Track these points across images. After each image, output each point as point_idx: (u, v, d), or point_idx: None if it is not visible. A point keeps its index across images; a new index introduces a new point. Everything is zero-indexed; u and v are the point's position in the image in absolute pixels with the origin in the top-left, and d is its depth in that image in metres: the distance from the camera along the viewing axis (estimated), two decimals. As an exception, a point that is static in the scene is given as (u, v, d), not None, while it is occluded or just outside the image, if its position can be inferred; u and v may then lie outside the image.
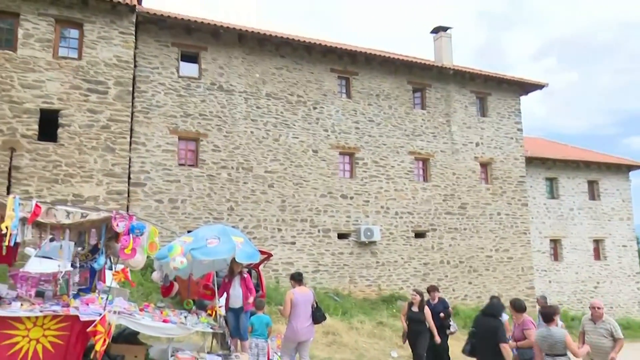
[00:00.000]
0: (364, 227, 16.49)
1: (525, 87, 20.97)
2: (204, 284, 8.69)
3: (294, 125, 16.32)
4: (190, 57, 15.46)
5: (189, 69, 15.35)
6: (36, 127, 12.80)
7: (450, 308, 9.22)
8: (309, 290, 7.28)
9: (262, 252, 8.96)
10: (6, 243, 5.29)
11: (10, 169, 12.34)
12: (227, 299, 7.47)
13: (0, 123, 12.46)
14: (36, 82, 12.90)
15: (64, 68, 13.26)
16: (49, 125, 12.95)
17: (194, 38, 15.35)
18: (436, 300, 8.72)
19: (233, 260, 7.20)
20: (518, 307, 6.56)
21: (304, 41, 16.47)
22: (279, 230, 15.61)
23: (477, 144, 19.45)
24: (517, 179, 20.04)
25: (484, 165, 19.62)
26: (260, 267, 10.86)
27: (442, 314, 8.38)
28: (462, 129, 19.28)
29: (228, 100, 15.49)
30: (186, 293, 8.65)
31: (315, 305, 6.98)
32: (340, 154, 17.07)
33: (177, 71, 15.06)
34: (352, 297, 15.68)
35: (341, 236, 16.57)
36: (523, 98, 21.13)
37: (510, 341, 6.35)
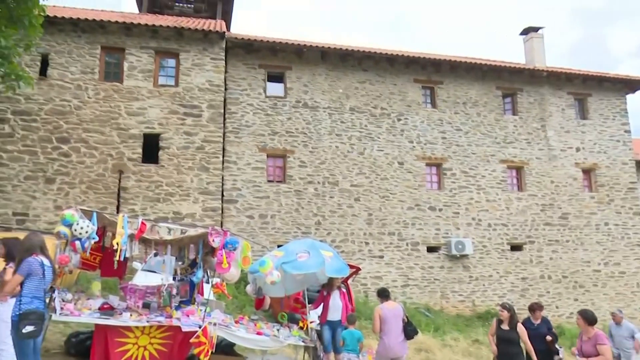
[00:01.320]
0: (454, 240, 15.87)
1: (631, 85, 19.14)
2: (294, 297, 8.82)
3: (379, 137, 16.24)
4: (276, 77, 16.04)
5: (275, 89, 15.92)
6: (140, 150, 13.93)
7: (554, 329, 7.92)
8: (397, 304, 7.10)
9: (350, 266, 8.92)
10: (117, 258, 5.76)
11: (119, 190, 13.51)
12: (325, 312, 7.54)
13: (110, 148, 13.72)
14: (140, 109, 14.08)
15: (163, 95, 14.35)
16: (151, 148, 14.04)
17: (279, 58, 15.93)
18: (539, 320, 7.48)
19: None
20: (590, 319, 5.88)
21: (386, 53, 16.41)
22: (366, 243, 15.50)
23: (577, 149, 18.02)
24: (626, 185, 18.22)
25: (587, 172, 18.09)
26: (349, 281, 10.81)
27: (548, 337, 7.19)
28: (559, 133, 17.99)
29: (313, 116, 15.81)
30: (278, 306, 8.82)
31: (406, 320, 6.78)
32: (427, 165, 16.66)
33: (264, 91, 15.68)
34: (445, 313, 15.08)
35: (431, 249, 16.08)
36: (630, 97, 19.31)
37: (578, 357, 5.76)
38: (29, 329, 4.35)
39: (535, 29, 19.32)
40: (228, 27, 15.72)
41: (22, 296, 4.45)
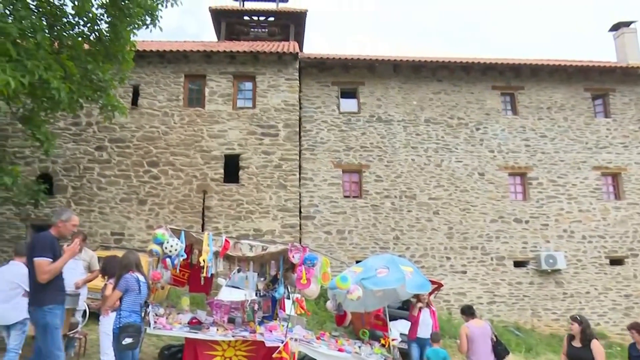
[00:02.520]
0: (544, 254, 14.88)
1: None
2: (375, 314, 8.69)
3: (456, 148, 15.75)
4: (349, 93, 16.17)
5: (348, 105, 16.04)
6: (222, 171, 14.58)
7: None
8: (485, 322, 6.73)
9: (432, 282, 8.65)
10: (204, 274, 6.02)
11: (203, 209, 14.19)
12: (414, 328, 7.38)
13: (195, 170, 14.50)
14: (220, 131, 14.79)
15: (242, 117, 14.97)
16: (232, 168, 14.66)
17: (351, 75, 16.06)
18: None
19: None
20: None
21: (461, 62, 15.98)
22: (448, 258, 14.98)
23: (683, 152, 16.28)
24: None
25: (696, 176, 16.27)
26: (431, 298, 10.47)
27: None
28: (661, 135, 16.39)
29: (387, 130, 15.70)
30: (359, 323, 8.73)
31: (494, 339, 6.41)
32: (510, 174, 15.86)
33: (338, 108, 15.85)
34: (537, 332, 14.11)
35: (518, 264, 15.18)
36: None
37: None
38: (128, 341, 4.65)
39: (627, 24, 17.89)
40: (301, 48, 16.17)
41: (121, 310, 4.78)
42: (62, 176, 14.30)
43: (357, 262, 11.44)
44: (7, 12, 8.91)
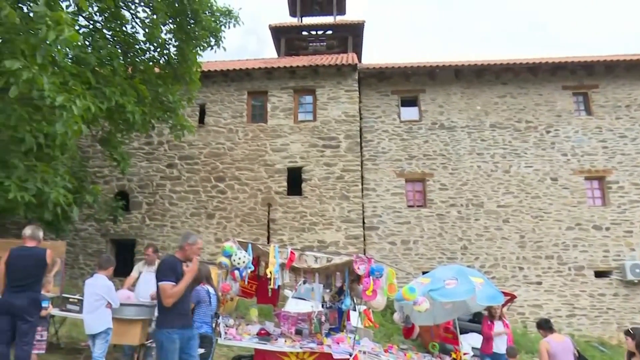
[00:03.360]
0: (629, 263, 13.78)
1: None
2: (444, 326, 8.42)
3: (526, 153, 15.05)
4: (409, 102, 15.97)
5: (409, 113, 15.84)
6: (285, 184, 14.84)
7: None
8: (566, 337, 6.32)
9: (504, 294, 8.26)
10: (271, 286, 6.11)
11: (268, 222, 14.48)
12: (489, 343, 7.10)
13: (259, 183, 14.86)
14: (283, 145, 15.08)
15: (303, 130, 15.19)
16: (294, 181, 14.88)
17: (411, 82, 15.87)
18: None
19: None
20: None
21: (528, 63, 15.32)
22: (521, 268, 14.26)
23: None
24: None
25: None
26: (504, 310, 10.01)
27: None
28: None
29: (450, 137, 15.32)
30: (428, 335, 8.50)
31: (577, 355, 6.00)
32: (587, 179, 14.90)
33: (399, 117, 15.68)
34: (624, 349, 13.02)
35: (599, 274, 14.16)
36: None
37: None
38: (200, 351, 4.80)
39: None
40: (359, 59, 16.24)
41: (194, 321, 4.95)
42: (137, 193, 15.16)
43: (424, 273, 11.17)
44: (87, 43, 9.64)
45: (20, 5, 7.09)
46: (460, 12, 72.10)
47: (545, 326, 6.26)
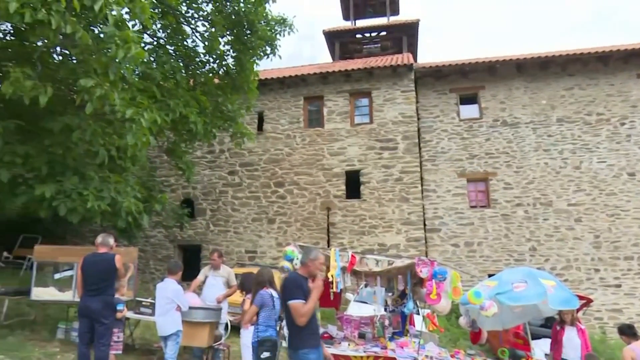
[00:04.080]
0: None
1: None
2: (514, 331, 8.07)
3: (598, 148, 14.17)
4: (468, 99, 15.51)
5: (469, 111, 15.38)
6: (344, 187, 14.85)
7: None
8: (651, 344, 5.86)
9: (580, 297, 7.79)
10: (333, 289, 6.13)
11: (328, 225, 14.55)
12: (558, 349, 6.74)
13: (318, 188, 14.97)
14: (340, 149, 15.12)
15: (360, 133, 15.15)
16: (353, 184, 14.86)
17: (470, 79, 15.42)
18: None
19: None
20: None
21: (597, 52, 14.43)
22: (596, 270, 13.42)
23: None
24: None
25: None
26: (579, 315, 9.44)
27: None
28: None
29: (514, 134, 14.71)
30: (497, 341, 8.20)
31: (664, 364, 5.54)
32: (668, 173, 13.80)
33: (458, 115, 15.27)
34: None
35: (687, 276, 13.06)
36: None
37: None
38: (266, 354, 4.88)
39: None
40: (415, 58, 15.99)
41: (258, 325, 5.05)
42: (202, 200, 15.74)
43: (490, 275, 10.78)
44: (152, 59, 10.16)
45: (91, 27, 7.58)
46: (518, 5, 69.24)
47: (628, 332, 5.85)
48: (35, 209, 7.61)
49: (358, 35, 21.87)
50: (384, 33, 21.42)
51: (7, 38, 9.05)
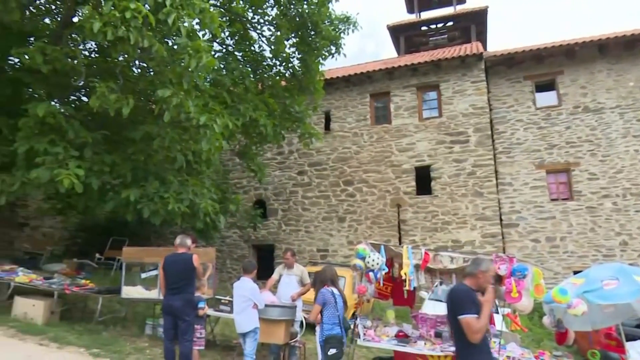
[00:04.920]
0: None
1: None
2: (605, 332, 7.52)
3: (697, 131, 12.85)
4: (545, 86, 14.65)
5: (546, 98, 14.53)
6: (414, 183, 14.58)
7: None
8: None
9: (681, 296, 7.10)
10: (406, 287, 6.04)
11: (399, 223, 14.35)
12: None
13: (387, 185, 14.81)
14: (409, 145, 14.86)
15: (429, 127, 14.80)
16: (423, 180, 14.55)
17: (546, 65, 14.56)
18: None
19: None
20: None
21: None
22: (700, 266, 12.17)
23: None
24: None
25: None
26: (681, 315, 8.62)
27: None
28: None
29: (598, 120, 13.70)
30: (586, 342, 7.69)
31: None
32: None
33: (534, 103, 14.47)
34: None
35: None
36: None
37: None
38: (332, 351, 4.94)
39: None
40: (485, 47, 15.36)
41: (323, 323, 5.10)
42: (273, 201, 16.12)
43: (575, 272, 10.13)
44: (222, 66, 10.56)
45: (166, 40, 8.02)
46: (600, -21, 64.32)
47: None
48: (122, 212, 8.18)
49: (423, 28, 21.37)
50: (450, 23, 20.77)
51: (92, 56, 9.79)
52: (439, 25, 21.03)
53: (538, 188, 13.81)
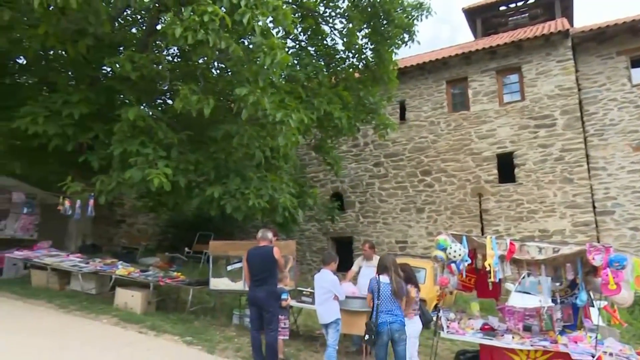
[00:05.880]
0: None
1: None
2: None
3: None
4: (642, 60, 13.37)
5: (643, 74, 13.26)
6: (496, 171, 13.97)
7: None
8: None
9: None
10: (491, 279, 5.82)
11: (480, 212, 13.83)
12: None
13: (467, 173, 14.31)
14: (489, 131, 14.24)
15: (510, 112, 14.08)
16: (506, 167, 13.89)
17: (643, 37, 13.27)
18: None
19: None
20: None
21: None
22: None
23: None
24: None
25: None
26: None
27: None
28: None
29: None
30: (698, 340, 6.96)
31: None
32: None
33: (630, 80, 13.26)
34: None
35: None
36: None
37: None
38: (366, 337, 5.16)
39: None
40: (571, 23, 14.26)
41: (373, 312, 5.24)
42: (350, 193, 16.19)
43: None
44: (295, 62, 10.75)
45: (241, 40, 8.31)
46: None
47: None
48: (207, 208, 8.63)
49: (502, 8, 20.27)
50: (532, 0, 19.54)
51: (175, 60, 10.39)
52: (519, 4, 19.85)
53: (636, 172, 12.67)
